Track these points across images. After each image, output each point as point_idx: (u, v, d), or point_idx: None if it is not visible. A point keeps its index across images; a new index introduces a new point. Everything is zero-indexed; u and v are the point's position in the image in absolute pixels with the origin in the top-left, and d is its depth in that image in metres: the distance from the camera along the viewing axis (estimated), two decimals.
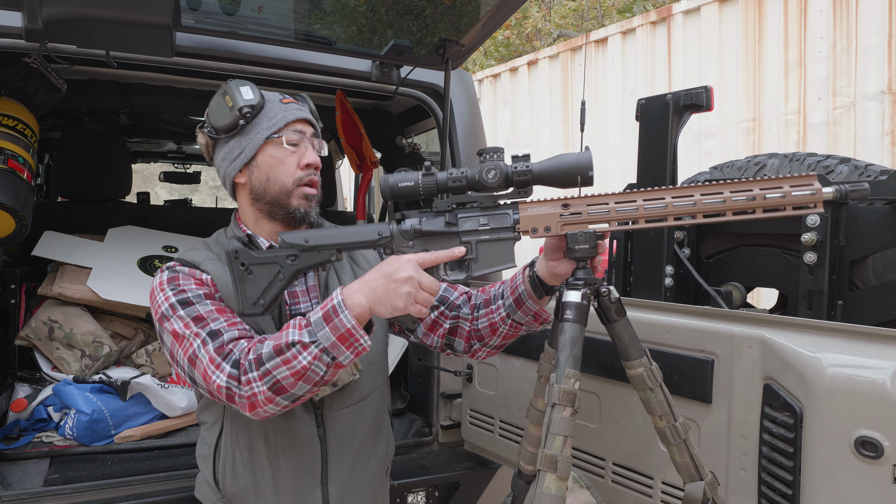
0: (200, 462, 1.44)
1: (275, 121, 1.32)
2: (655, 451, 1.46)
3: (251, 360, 1.15)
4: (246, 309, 1.22)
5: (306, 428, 1.37)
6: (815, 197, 1.08)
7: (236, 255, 1.21)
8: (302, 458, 1.37)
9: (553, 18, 11.85)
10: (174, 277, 1.29)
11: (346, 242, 1.24)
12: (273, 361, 1.13)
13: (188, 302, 1.25)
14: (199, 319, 1.23)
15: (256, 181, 1.34)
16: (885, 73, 3.86)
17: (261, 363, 1.14)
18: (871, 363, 1.08)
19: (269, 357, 1.14)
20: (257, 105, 1.30)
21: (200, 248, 1.38)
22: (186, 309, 1.24)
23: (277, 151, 1.33)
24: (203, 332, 1.21)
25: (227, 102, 1.30)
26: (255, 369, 1.14)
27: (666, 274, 1.86)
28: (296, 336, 1.14)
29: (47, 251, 2.51)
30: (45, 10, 1.50)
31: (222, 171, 1.38)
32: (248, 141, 1.32)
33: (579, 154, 1.15)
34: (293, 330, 1.15)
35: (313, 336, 1.13)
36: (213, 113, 1.32)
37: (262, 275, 1.21)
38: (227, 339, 1.20)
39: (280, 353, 1.13)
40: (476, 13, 1.92)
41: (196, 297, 1.25)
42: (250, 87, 1.32)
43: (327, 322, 1.13)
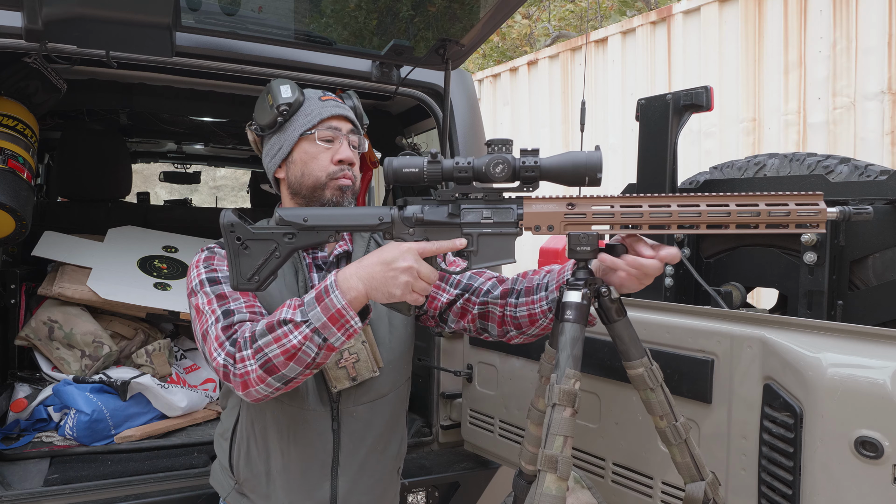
0: (217, 445, 1.49)
1: (310, 118, 1.38)
2: (656, 451, 1.46)
3: (246, 338, 1.17)
4: (240, 284, 1.21)
5: (321, 421, 1.38)
6: (818, 217, 1.10)
7: (232, 229, 1.20)
8: (314, 450, 1.38)
9: (551, 20, 11.85)
10: (211, 257, 1.33)
11: (345, 224, 1.24)
12: (265, 339, 1.14)
13: (216, 281, 1.29)
14: (222, 297, 1.27)
15: (293, 176, 1.39)
16: (885, 73, 3.86)
17: (254, 340, 1.15)
18: (871, 363, 1.08)
19: (261, 334, 1.15)
20: (294, 103, 1.36)
21: None
22: (213, 287, 1.28)
23: (311, 147, 1.38)
24: (220, 310, 1.24)
25: (268, 101, 1.37)
26: (249, 347, 1.16)
27: (666, 274, 1.86)
28: (288, 314, 1.14)
29: (47, 251, 2.51)
30: (45, 10, 1.50)
31: (266, 166, 1.44)
32: (286, 138, 1.38)
33: (590, 153, 1.14)
34: (287, 309, 1.16)
35: (305, 315, 1.13)
36: (257, 111, 1.40)
37: (257, 250, 1.21)
38: (237, 319, 1.23)
39: (272, 331, 1.14)
40: (476, 13, 1.92)
41: (225, 278, 1.28)
42: (290, 85, 1.38)
43: (319, 302, 1.14)
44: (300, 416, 1.37)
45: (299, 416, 1.37)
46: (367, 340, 1.40)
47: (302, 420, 1.37)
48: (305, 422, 1.38)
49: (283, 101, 1.35)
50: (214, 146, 4.24)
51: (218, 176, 13.61)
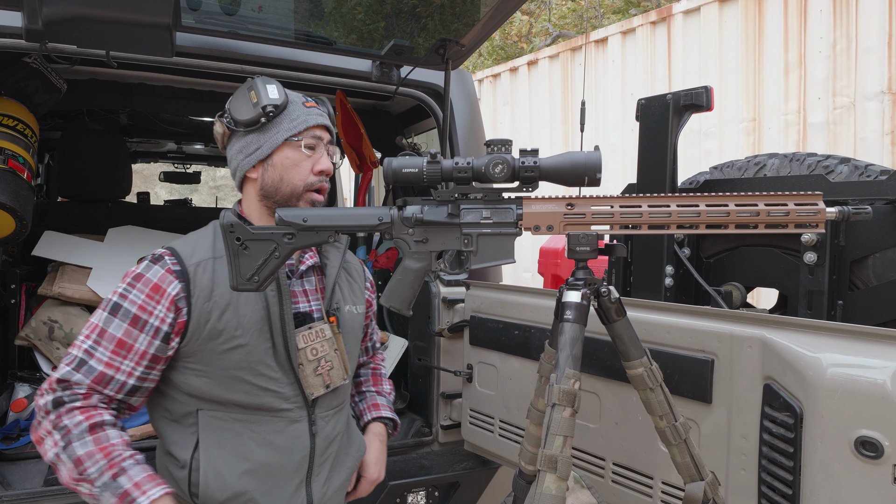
0: (166, 474, 1.34)
1: (296, 123, 1.35)
2: (655, 451, 1.46)
3: (64, 428, 1.21)
4: (240, 284, 1.21)
5: (301, 427, 1.39)
6: (817, 217, 1.10)
7: (231, 230, 1.20)
8: (293, 458, 1.38)
9: (551, 19, 11.85)
10: (140, 277, 1.29)
11: (345, 225, 1.24)
12: (71, 454, 1.20)
13: (116, 310, 1.27)
14: (101, 334, 1.26)
15: (269, 179, 1.36)
16: (885, 73, 3.86)
17: (67, 444, 1.20)
18: (871, 363, 1.08)
19: (70, 453, 1.20)
20: (281, 105, 1.33)
21: (204, 246, 1.36)
22: (108, 315, 1.27)
23: (294, 154, 1.35)
24: (81, 352, 1.25)
25: (251, 98, 1.32)
26: (60, 442, 1.20)
27: (666, 274, 1.86)
28: (92, 474, 1.19)
29: (47, 251, 2.51)
30: (45, 10, 1.50)
31: (235, 163, 1.39)
32: (267, 139, 1.34)
33: (589, 153, 1.15)
34: (101, 462, 1.20)
35: (102, 490, 1.19)
36: (235, 105, 1.34)
37: (257, 251, 1.21)
38: (75, 379, 1.23)
39: (77, 464, 1.19)
40: (476, 13, 1.92)
41: (124, 314, 1.26)
42: (276, 86, 1.34)
43: (117, 500, 1.19)
44: (282, 426, 1.36)
45: (279, 426, 1.36)
46: (339, 349, 1.43)
47: (285, 430, 1.37)
48: (288, 430, 1.37)
49: (270, 101, 1.31)
50: (214, 146, 4.24)
51: (218, 176, 13.61)
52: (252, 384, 1.33)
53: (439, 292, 2.24)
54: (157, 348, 1.28)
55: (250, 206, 1.41)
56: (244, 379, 1.32)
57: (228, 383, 1.32)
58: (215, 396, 1.32)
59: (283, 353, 1.35)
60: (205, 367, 1.32)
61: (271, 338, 1.34)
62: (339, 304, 1.48)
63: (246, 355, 1.32)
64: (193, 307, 1.29)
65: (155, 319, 1.27)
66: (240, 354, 1.31)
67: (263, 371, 1.33)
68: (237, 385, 1.32)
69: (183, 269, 1.30)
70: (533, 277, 5.78)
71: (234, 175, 1.42)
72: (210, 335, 1.30)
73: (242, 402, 1.33)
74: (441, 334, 2.22)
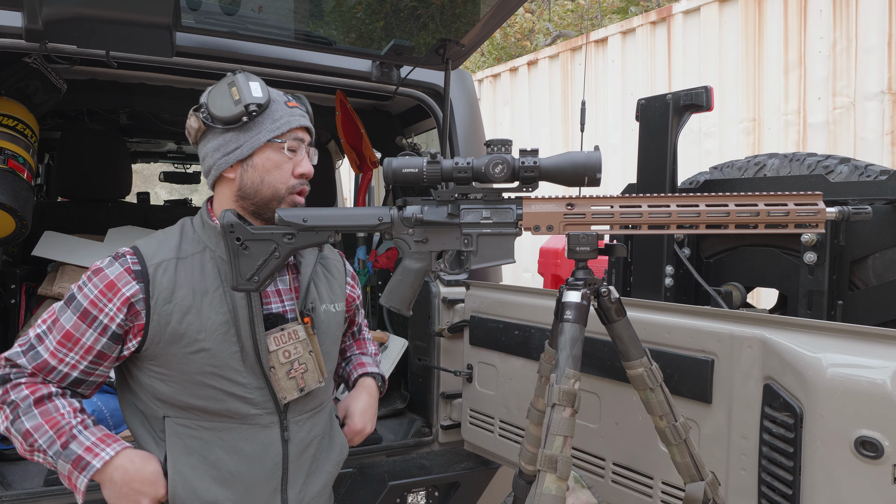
0: None
1: (279, 124, 1.29)
2: (655, 451, 1.46)
3: (12, 403, 1.23)
4: (240, 284, 1.20)
5: (272, 433, 1.34)
6: (817, 217, 1.11)
7: (231, 230, 1.19)
8: (265, 465, 1.33)
9: (552, 18, 11.85)
10: (99, 272, 1.26)
11: (345, 225, 1.23)
12: (19, 428, 1.22)
13: (70, 301, 1.26)
14: (55, 322, 1.25)
15: (248, 181, 1.30)
16: (885, 73, 3.86)
17: (15, 417, 1.23)
18: (871, 363, 1.08)
19: (17, 427, 1.22)
20: (264, 104, 1.27)
21: (167, 246, 1.31)
22: (63, 304, 1.26)
23: (276, 155, 1.30)
24: (34, 335, 1.25)
25: (233, 95, 1.25)
26: (9, 416, 1.23)
27: (666, 274, 1.86)
28: (43, 444, 1.22)
29: (47, 251, 2.51)
30: (45, 10, 1.50)
31: (211, 161, 1.32)
32: (248, 139, 1.28)
33: (589, 153, 1.15)
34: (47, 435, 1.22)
35: (55, 459, 1.22)
36: (215, 101, 1.27)
37: (257, 251, 1.20)
38: (20, 362, 1.24)
39: (25, 437, 1.22)
40: (476, 13, 1.92)
41: (75, 307, 1.25)
42: (260, 84, 1.28)
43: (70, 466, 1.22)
44: (252, 432, 1.32)
45: (251, 433, 1.32)
46: (314, 351, 1.38)
47: (254, 436, 1.33)
48: (258, 437, 1.33)
49: (253, 100, 1.25)
50: None
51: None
52: (217, 389, 1.28)
53: (439, 292, 2.24)
54: (103, 345, 1.24)
55: (223, 206, 1.34)
56: (208, 384, 1.28)
57: (192, 389, 1.28)
58: (180, 402, 1.29)
59: (253, 357, 1.30)
60: (168, 372, 1.28)
61: (238, 341, 1.28)
62: (315, 304, 1.42)
63: (210, 359, 1.27)
64: (153, 309, 1.24)
65: (104, 317, 1.23)
66: (203, 359, 1.26)
67: (230, 376, 1.29)
68: (201, 390, 1.28)
69: (143, 270, 1.25)
70: (533, 277, 5.78)
71: (208, 173, 1.35)
72: (171, 338, 1.25)
73: (207, 409, 1.29)
74: (441, 334, 2.22)
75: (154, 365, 1.28)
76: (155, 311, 1.25)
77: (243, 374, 1.30)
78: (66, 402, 1.25)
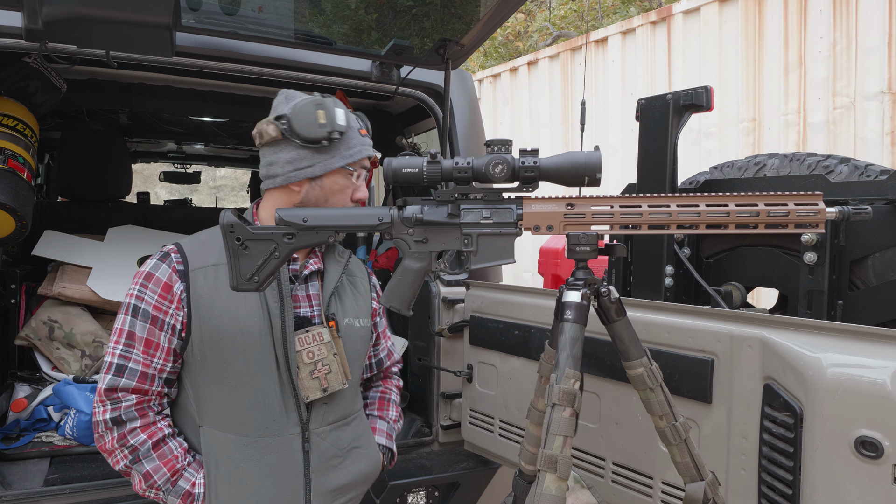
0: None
1: (352, 152, 1.38)
2: (655, 451, 1.46)
3: (131, 447, 1.30)
4: (240, 284, 1.21)
5: (293, 444, 1.37)
6: (817, 217, 1.11)
7: (231, 230, 1.20)
8: (286, 477, 1.36)
9: (551, 19, 11.85)
10: (151, 277, 1.33)
11: (345, 225, 1.24)
12: (139, 469, 1.31)
13: (136, 312, 1.32)
14: (130, 337, 1.32)
15: (313, 197, 1.37)
16: (885, 73, 3.86)
17: (135, 460, 1.31)
18: (871, 363, 1.08)
19: (139, 469, 1.31)
20: (345, 131, 1.35)
21: (211, 250, 1.37)
22: (130, 318, 1.32)
23: (343, 180, 1.39)
24: (117, 357, 1.31)
25: (319, 117, 1.31)
26: (128, 456, 1.31)
27: (666, 274, 1.86)
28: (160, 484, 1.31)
29: (47, 251, 2.51)
30: (45, 10, 1.50)
31: (280, 170, 1.36)
32: (323, 160, 1.35)
33: (589, 153, 1.15)
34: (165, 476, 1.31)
35: (166, 494, 1.32)
36: (299, 119, 1.31)
37: (257, 251, 1.21)
38: (121, 385, 1.29)
39: (146, 478, 1.31)
40: (476, 13, 1.92)
41: (143, 315, 1.32)
42: (344, 111, 1.35)
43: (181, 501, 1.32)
44: (274, 444, 1.35)
45: (273, 445, 1.35)
46: (338, 352, 1.41)
47: (276, 448, 1.35)
48: (280, 449, 1.35)
49: (338, 127, 1.32)
50: (214, 146, 4.24)
51: (218, 176, 13.61)
52: (248, 395, 1.33)
53: (439, 292, 2.24)
54: (176, 344, 1.34)
55: (270, 213, 1.40)
56: (240, 390, 1.33)
57: (225, 394, 1.33)
58: (211, 411, 1.34)
59: (283, 358, 1.35)
60: (204, 375, 1.34)
61: (273, 345, 1.34)
62: (337, 313, 1.46)
63: (245, 364, 1.32)
64: (193, 310, 1.32)
65: (169, 318, 1.32)
66: (240, 363, 1.32)
67: (260, 383, 1.34)
68: (233, 398, 1.33)
69: (185, 270, 1.33)
70: (533, 277, 5.78)
71: (270, 178, 1.38)
72: (211, 341, 1.31)
73: (236, 417, 1.33)
74: (441, 334, 2.22)
75: (191, 367, 1.35)
76: (195, 314, 1.32)
77: (276, 380, 1.35)
78: (177, 444, 1.34)
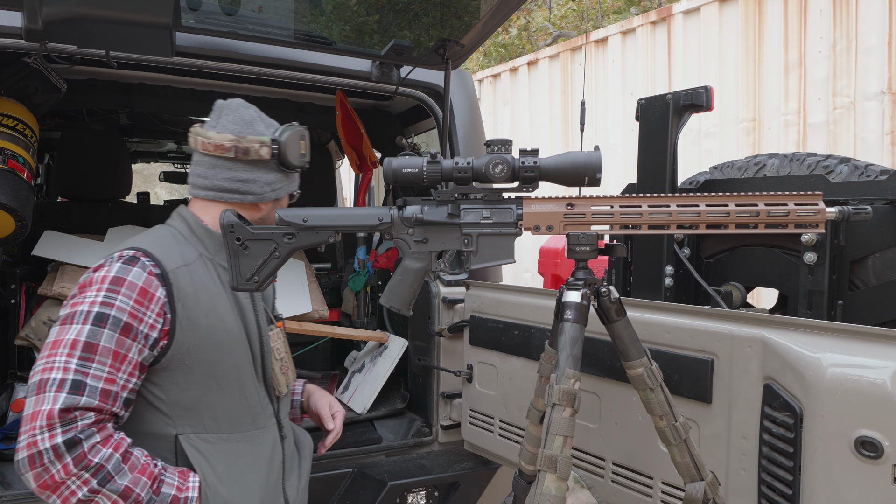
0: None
1: (296, 184, 1.47)
2: (655, 451, 1.46)
3: (95, 467, 1.12)
4: (240, 284, 1.22)
5: (275, 434, 1.42)
6: (817, 217, 1.11)
7: (231, 230, 1.20)
8: (274, 465, 1.39)
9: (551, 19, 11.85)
10: (121, 281, 1.20)
11: (345, 225, 1.24)
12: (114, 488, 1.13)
13: (101, 320, 1.16)
14: (89, 348, 1.15)
15: (270, 217, 1.42)
16: (885, 73, 3.86)
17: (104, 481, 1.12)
18: (871, 363, 1.08)
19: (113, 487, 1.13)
20: None
21: (173, 250, 1.30)
22: (91, 327, 1.16)
23: (284, 201, 1.47)
24: (71, 374, 1.12)
25: (301, 147, 1.39)
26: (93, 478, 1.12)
27: (666, 274, 1.86)
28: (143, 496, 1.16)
29: (47, 251, 2.50)
30: (45, 10, 1.50)
31: (258, 189, 1.37)
32: (287, 184, 1.42)
33: (589, 153, 1.15)
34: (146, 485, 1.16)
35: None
36: (289, 147, 1.36)
37: (257, 251, 1.21)
38: (82, 403, 1.11)
39: (126, 494, 1.14)
40: (476, 13, 1.92)
41: (112, 323, 1.17)
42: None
43: None
44: (262, 436, 1.38)
45: (262, 437, 1.38)
46: (288, 351, 1.48)
47: (265, 439, 1.39)
48: (267, 439, 1.39)
49: (308, 159, 1.41)
50: None
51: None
52: (235, 391, 1.34)
53: (439, 292, 2.24)
54: (145, 356, 1.22)
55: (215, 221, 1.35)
56: (228, 386, 1.33)
57: (213, 393, 1.31)
58: (195, 415, 1.29)
59: (260, 357, 1.38)
60: (187, 379, 1.28)
61: (248, 342, 1.35)
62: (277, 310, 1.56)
63: (234, 361, 1.33)
64: (179, 313, 1.24)
65: (145, 326, 1.20)
66: (229, 361, 1.32)
67: (245, 379, 1.35)
68: (221, 395, 1.32)
69: (163, 273, 1.25)
70: (533, 277, 5.78)
71: (244, 195, 1.36)
72: (200, 342, 1.27)
73: (225, 414, 1.33)
74: (441, 334, 2.22)
75: (169, 375, 1.26)
76: (182, 316, 1.25)
77: (253, 375, 1.37)
78: (139, 451, 1.21)
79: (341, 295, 3.01)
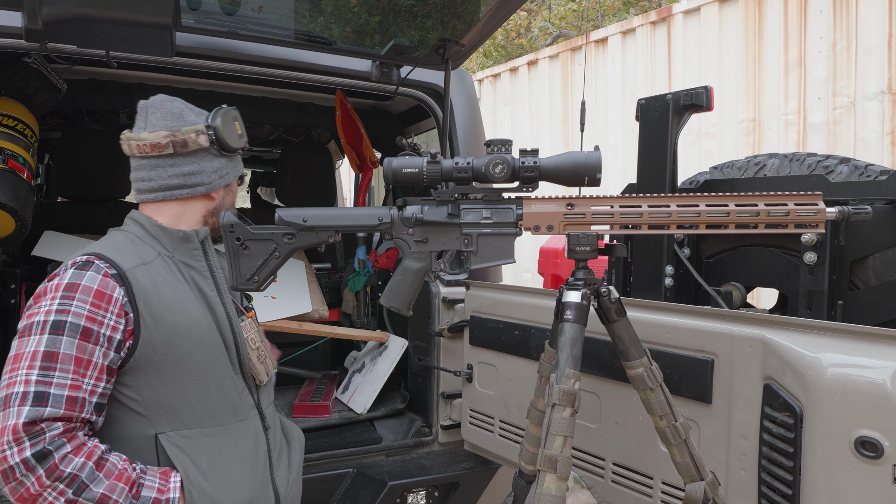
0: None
1: (239, 159, 1.47)
2: (655, 451, 1.46)
3: (69, 476, 1.09)
4: (240, 284, 1.22)
5: (257, 424, 1.41)
6: (817, 217, 1.11)
7: (231, 230, 1.20)
8: (259, 456, 1.39)
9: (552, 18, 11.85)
10: (75, 287, 1.17)
11: (345, 225, 1.24)
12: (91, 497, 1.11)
13: (58, 328, 1.14)
14: (49, 357, 1.12)
15: (227, 202, 1.43)
16: (885, 73, 3.86)
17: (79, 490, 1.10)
18: (871, 363, 1.08)
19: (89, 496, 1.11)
20: None
21: (130, 251, 1.28)
22: (49, 336, 1.13)
23: (235, 187, 1.47)
24: (33, 386, 1.10)
25: (236, 129, 1.40)
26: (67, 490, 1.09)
27: (666, 274, 1.86)
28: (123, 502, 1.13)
29: (47, 251, 2.50)
30: (45, 10, 1.50)
31: (207, 179, 1.36)
32: (233, 168, 1.42)
33: (589, 154, 1.15)
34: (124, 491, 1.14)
35: None
36: (225, 130, 1.37)
37: (257, 251, 1.21)
38: (46, 414, 1.09)
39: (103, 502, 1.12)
40: (476, 13, 1.92)
41: (71, 330, 1.14)
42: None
43: None
44: (245, 428, 1.37)
45: (245, 429, 1.37)
46: (263, 339, 1.47)
47: (249, 431, 1.37)
48: (251, 432, 1.38)
49: (246, 140, 1.43)
50: None
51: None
52: (211, 384, 1.31)
53: (439, 292, 2.24)
54: (111, 359, 1.18)
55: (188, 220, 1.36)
56: (204, 380, 1.30)
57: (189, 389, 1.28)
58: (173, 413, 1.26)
59: (234, 348, 1.36)
60: (160, 377, 1.24)
61: (220, 334, 1.33)
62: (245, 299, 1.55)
63: (205, 354, 1.29)
64: (142, 312, 1.22)
65: (106, 329, 1.17)
66: (200, 355, 1.28)
67: (220, 370, 1.33)
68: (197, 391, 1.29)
69: (120, 273, 1.22)
70: (533, 277, 5.78)
71: (194, 188, 1.35)
72: (168, 338, 1.24)
73: (203, 409, 1.30)
74: (441, 334, 2.22)
75: (140, 375, 1.23)
76: (146, 313, 1.22)
77: (229, 366, 1.35)
78: (116, 457, 1.18)
79: (341, 295, 3.01)
